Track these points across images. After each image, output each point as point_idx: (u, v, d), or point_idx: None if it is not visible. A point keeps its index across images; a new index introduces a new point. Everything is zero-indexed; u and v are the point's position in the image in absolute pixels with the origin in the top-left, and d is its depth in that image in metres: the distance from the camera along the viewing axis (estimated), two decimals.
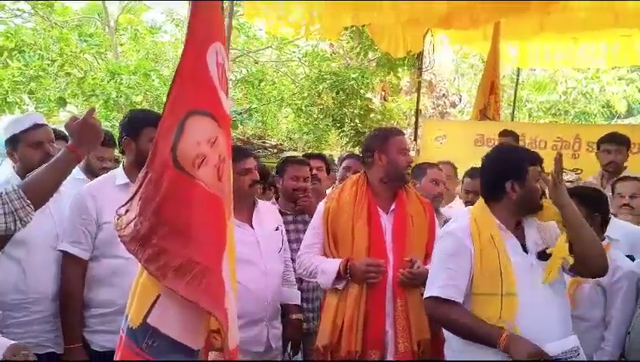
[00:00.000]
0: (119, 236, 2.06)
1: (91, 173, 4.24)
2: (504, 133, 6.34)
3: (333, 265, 2.99)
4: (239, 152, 3.20)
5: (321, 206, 3.18)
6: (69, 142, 2.43)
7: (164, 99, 2.21)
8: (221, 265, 2.16)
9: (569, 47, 9.00)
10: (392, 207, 3.08)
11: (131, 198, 2.07)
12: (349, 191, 3.09)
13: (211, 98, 2.17)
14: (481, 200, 2.61)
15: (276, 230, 3.28)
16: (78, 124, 2.40)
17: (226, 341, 2.10)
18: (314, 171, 4.13)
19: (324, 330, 3.00)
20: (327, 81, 10.61)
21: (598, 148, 4.90)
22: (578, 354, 2.42)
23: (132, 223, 2.05)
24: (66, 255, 2.89)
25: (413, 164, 3.90)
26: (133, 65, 10.44)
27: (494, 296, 2.42)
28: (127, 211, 2.09)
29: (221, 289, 2.12)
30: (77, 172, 4.23)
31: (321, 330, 3.03)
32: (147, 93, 10.28)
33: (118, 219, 2.09)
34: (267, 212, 3.31)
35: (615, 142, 4.72)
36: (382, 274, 2.94)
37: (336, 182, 4.44)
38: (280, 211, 3.74)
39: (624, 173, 4.43)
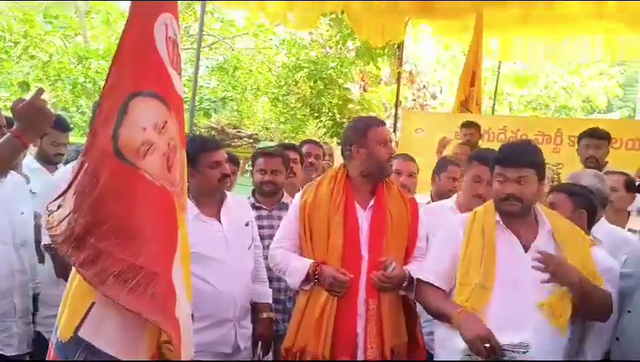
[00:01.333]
0: (50, 236, 1.79)
1: (45, 160, 3.96)
2: (466, 125, 6.29)
3: (302, 266, 2.79)
4: (209, 143, 3.05)
5: (296, 200, 2.99)
6: (14, 126, 2.15)
7: None
8: (171, 269, 1.91)
9: (551, 41, 8.89)
10: (371, 203, 2.85)
11: (65, 191, 1.79)
12: (327, 185, 2.89)
13: (159, 77, 1.91)
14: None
15: (246, 225, 3.10)
16: (23, 106, 2.10)
17: (178, 353, 1.85)
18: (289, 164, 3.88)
19: (291, 331, 2.81)
20: (305, 70, 10.37)
21: (579, 143, 4.81)
22: (526, 353, 2.30)
23: (65, 221, 1.78)
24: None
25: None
26: (102, 50, 10.03)
27: (471, 286, 2.40)
28: (59, 207, 1.82)
29: (171, 296, 1.88)
30: (31, 161, 3.95)
31: (289, 331, 2.84)
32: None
33: (49, 216, 1.81)
34: (238, 206, 3.13)
35: (595, 137, 4.63)
36: (350, 282, 2.72)
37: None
38: (254, 205, 3.59)
39: (606, 169, 4.33)
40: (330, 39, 10.49)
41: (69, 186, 1.78)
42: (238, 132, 11.11)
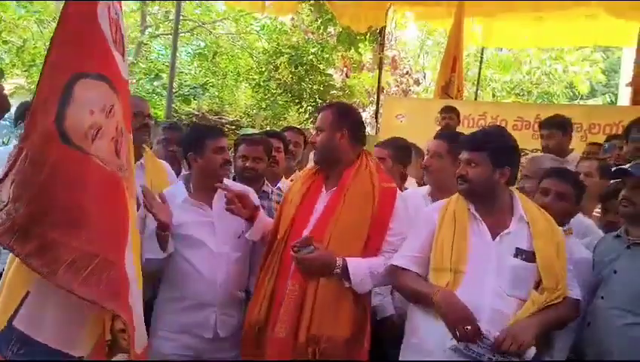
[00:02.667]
0: None
1: None
2: (446, 109, 6.36)
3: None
4: (214, 130, 3.20)
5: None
6: None
7: None
8: (124, 256, 1.87)
9: (534, 27, 8.84)
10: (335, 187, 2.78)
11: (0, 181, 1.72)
12: (307, 171, 2.93)
13: (105, 59, 1.85)
14: None
15: None
16: None
17: (132, 341, 1.80)
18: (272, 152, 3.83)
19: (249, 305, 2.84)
20: (286, 55, 10.23)
21: None
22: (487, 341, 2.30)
23: (3, 212, 1.70)
24: None
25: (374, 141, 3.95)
26: None
27: (445, 271, 2.40)
28: None
29: (125, 284, 1.84)
30: None
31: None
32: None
33: None
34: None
35: (546, 127, 4.61)
36: (287, 261, 2.70)
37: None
38: None
39: (571, 156, 4.40)
40: (312, 24, 10.35)
41: (5, 175, 1.70)
42: (220, 118, 10.98)
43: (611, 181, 3.19)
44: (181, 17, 11.48)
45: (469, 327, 2.25)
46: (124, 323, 1.79)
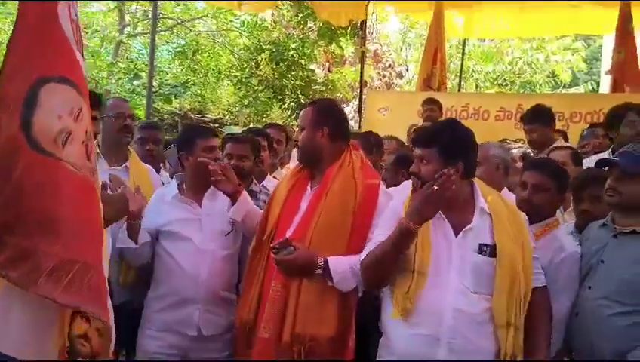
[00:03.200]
0: None
1: None
2: (428, 101, 6.42)
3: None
4: (205, 130, 3.28)
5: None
6: None
7: (93, 74, 1.78)
8: (101, 260, 1.82)
9: (515, 17, 8.84)
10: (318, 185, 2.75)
11: None
12: (293, 169, 2.91)
13: (70, 62, 1.78)
14: None
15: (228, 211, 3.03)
16: None
17: (107, 344, 1.77)
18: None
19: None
20: (267, 52, 10.15)
21: None
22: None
23: None
24: None
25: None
26: None
27: (408, 272, 2.34)
28: None
29: (104, 286, 1.81)
30: None
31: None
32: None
33: None
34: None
35: (529, 122, 4.62)
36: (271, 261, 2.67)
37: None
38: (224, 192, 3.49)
39: (556, 144, 4.36)
40: (292, 20, 10.29)
41: None
42: (202, 117, 10.90)
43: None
44: (160, 15, 11.41)
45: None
46: (107, 327, 1.76)
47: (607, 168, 2.63)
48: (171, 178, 3.55)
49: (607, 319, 2.45)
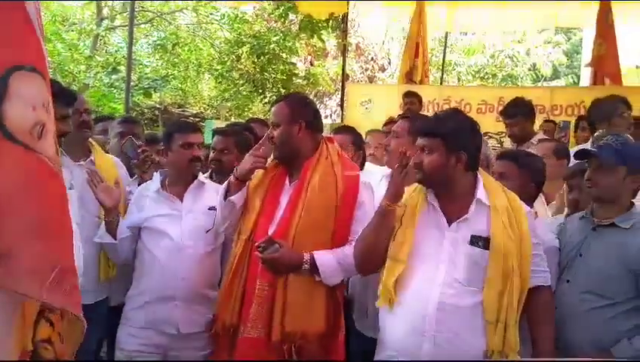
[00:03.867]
0: None
1: None
2: (407, 94, 6.47)
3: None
4: (184, 125, 3.24)
5: None
6: None
7: (71, 67, 1.70)
8: (74, 259, 1.75)
9: (497, 10, 8.85)
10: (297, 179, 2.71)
11: None
12: (271, 164, 2.82)
13: (36, 51, 1.69)
14: None
15: (210, 209, 2.98)
16: None
17: (71, 348, 1.71)
18: None
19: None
20: (247, 45, 10.05)
21: None
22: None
23: None
24: None
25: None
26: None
27: (399, 262, 2.34)
28: None
29: (77, 287, 1.73)
30: None
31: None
32: (48, 59, 9.33)
33: None
34: (211, 191, 3.06)
35: (509, 116, 4.62)
36: (254, 260, 2.64)
37: None
38: None
39: (537, 137, 4.41)
40: (273, 12, 10.19)
41: None
42: (183, 111, 10.77)
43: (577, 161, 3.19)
44: (139, 8, 11.24)
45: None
46: (55, 334, 1.70)
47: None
48: (129, 171, 3.55)
49: (586, 313, 2.44)
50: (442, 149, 2.33)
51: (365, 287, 2.87)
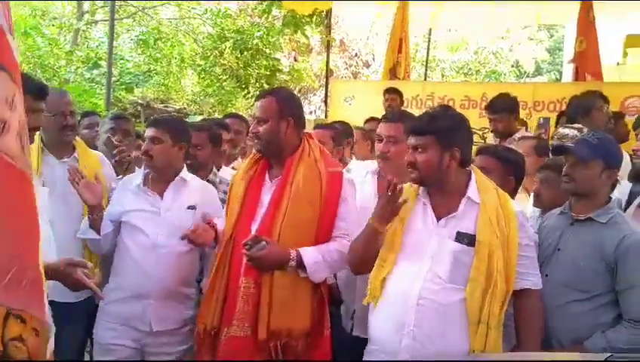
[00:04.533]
0: None
1: None
2: (388, 91, 6.48)
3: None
4: (149, 120, 3.25)
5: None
6: None
7: (51, 62, 1.65)
8: (39, 257, 1.71)
9: (480, 7, 8.86)
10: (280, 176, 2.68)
11: None
12: (250, 160, 2.81)
13: (1, 45, 1.65)
14: None
15: (189, 208, 2.97)
16: None
17: (43, 346, 1.66)
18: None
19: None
20: (231, 40, 9.98)
21: None
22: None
23: None
24: None
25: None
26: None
27: (387, 261, 2.36)
28: None
29: (42, 286, 1.68)
30: None
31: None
32: (28, 53, 9.22)
33: None
34: (193, 189, 3.03)
35: (494, 111, 4.63)
36: (237, 258, 2.62)
37: None
38: None
39: (519, 134, 4.43)
40: (257, 7, 10.13)
41: None
42: (166, 107, 10.66)
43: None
44: (121, 2, 11.12)
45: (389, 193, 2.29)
46: (46, 328, 1.66)
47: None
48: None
49: (563, 306, 2.46)
50: (436, 147, 2.32)
51: (352, 289, 2.88)
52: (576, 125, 3.75)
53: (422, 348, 2.21)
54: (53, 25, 11.46)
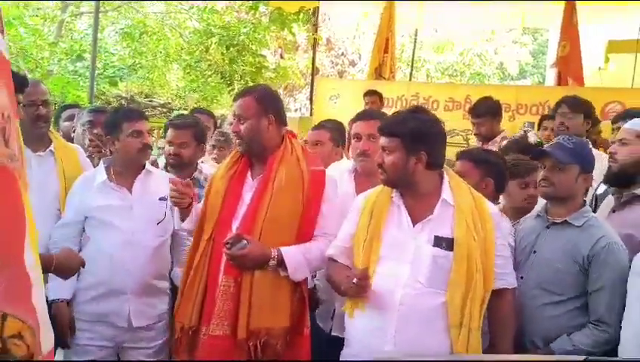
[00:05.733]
0: None
1: None
2: (368, 93, 6.51)
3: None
4: (132, 113, 3.10)
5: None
6: None
7: (34, 53, 1.63)
8: (23, 253, 1.69)
9: (466, 8, 8.92)
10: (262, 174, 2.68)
11: None
12: (232, 158, 2.78)
13: None
14: None
15: (161, 200, 2.94)
16: None
17: (37, 343, 1.65)
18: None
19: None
20: (217, 36, 9.93)
21: None
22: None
23: None
24: None
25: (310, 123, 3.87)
26: None
27: (357, 269, 2.34)
28: None
29: (27, 283, 1.66)
30: None
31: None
32: (10, 44, 9.08)
33: None
34: (159, 181, 3.00)
35: (477, 115, 4.72)
36: (217, 256, 2.61)
37: None
38: None
39: (500, 137, 4.53)
40: (243, 4, 10.10)
41: None
42: (150, 101, 10.60)
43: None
44: None
45: (355, 280, 2.23)
46: (29, 326, 1.64)
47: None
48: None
49: (538, 308, 2.49)
50: (401, 149, 2.32)
51: (331, 288, 2.89)
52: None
53: (404, 354, 2.22)
54: (36, 15, 11.29)
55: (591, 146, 3.09)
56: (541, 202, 2.79)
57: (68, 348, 2.81)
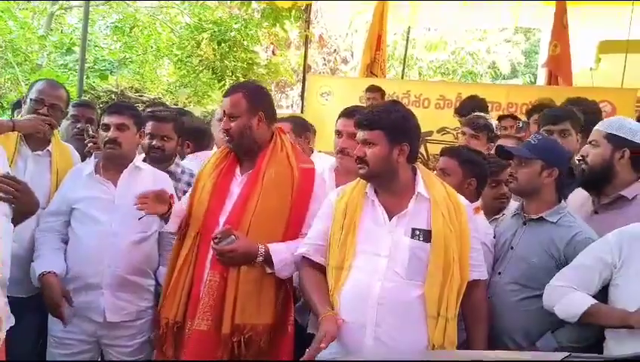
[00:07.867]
0: None
1: None
2: (370, 89, 6.44)
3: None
4: (111, 106, 3.15)
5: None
6: None
7: (23, 46, 1.60)
8: None
9: (458, 7, 8.93)
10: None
11: None
12: (220, 153, 2.79)
13: None
14: None
15: None
16: None
17: None
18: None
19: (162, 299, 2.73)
20: (208, 31, 9.88)
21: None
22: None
23: None
24: None
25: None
26: None
27: (338, 269, 2.34)
28: None
29: None
30: None
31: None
32: None
33: None
34: (147, 177, 3.01)
35: (461, 114, 4.86)
36: (203, 250, 2.60)
37: None
38: None
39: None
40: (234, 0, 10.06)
41: None
42: (140, 95, 10.51)
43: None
44: None
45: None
46: None
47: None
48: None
49: (516, 304, 2.54)
50: (385, 141, 2.33)
51: None
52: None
53: (384, 346, 2.22)
54: (26, 8, 11.18)
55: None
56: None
57: (64, 321, 2.76)
